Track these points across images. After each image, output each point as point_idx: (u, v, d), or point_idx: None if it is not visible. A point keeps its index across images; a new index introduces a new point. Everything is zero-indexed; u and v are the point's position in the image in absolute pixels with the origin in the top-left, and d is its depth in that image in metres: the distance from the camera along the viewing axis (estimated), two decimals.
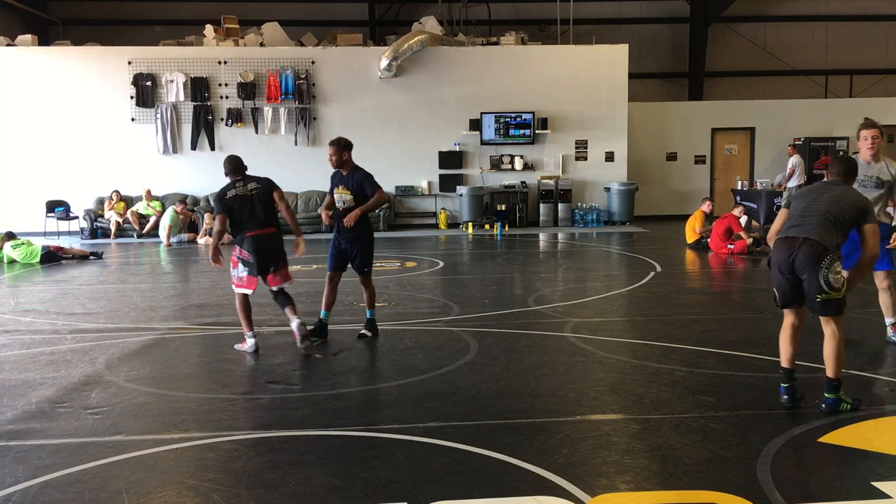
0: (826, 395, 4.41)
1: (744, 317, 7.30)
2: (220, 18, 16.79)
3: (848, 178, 4.64)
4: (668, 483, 3.50)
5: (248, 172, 6.21)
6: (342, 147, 6.22)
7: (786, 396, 4.48)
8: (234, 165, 6.12)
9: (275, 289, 6.07)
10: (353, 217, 6.04)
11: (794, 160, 15.48)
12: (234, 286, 6.03)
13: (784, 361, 4.53)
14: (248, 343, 6.01)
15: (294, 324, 5.89)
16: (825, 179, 4.75)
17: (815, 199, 4.49)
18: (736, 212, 12.20)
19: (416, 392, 4.98)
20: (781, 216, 4.70)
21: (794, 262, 4.34)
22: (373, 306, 6.49)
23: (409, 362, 5.66)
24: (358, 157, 6.85)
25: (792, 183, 15.46)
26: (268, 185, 6.16)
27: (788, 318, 4.54)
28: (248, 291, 5.98)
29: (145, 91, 15.75)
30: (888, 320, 5.97)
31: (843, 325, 4.41)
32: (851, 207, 4.39)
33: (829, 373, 4.39)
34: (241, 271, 5.95)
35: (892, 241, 5.70)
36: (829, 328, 4.39)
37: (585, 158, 16.69)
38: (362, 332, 6.45)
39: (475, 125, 16.27)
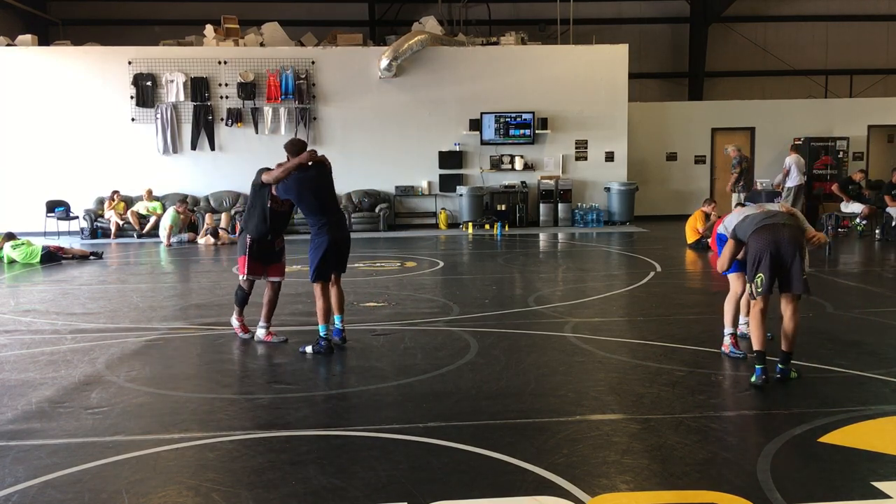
0: (780, 365, 4.95)
1: None
2: (220, 18, 16.78)
3: None
4: (668, 483, 3.50)
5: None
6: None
7: (763, 377, 4.84)
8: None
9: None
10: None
11: (790, 160, 15.48)
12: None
13: (758, 345, 4.92)
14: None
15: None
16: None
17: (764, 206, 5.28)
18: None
19: (416, 392, 4.98)
20: (731, 248, 5.29)
21: (780, 246, 4.83)
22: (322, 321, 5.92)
23: (409, 362, 5.66)
24: (358, 158, 6.90)
25: (790, 183, 15.46)
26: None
27: (759, 305, 4.94)
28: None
29: (145, 91, 15.74)
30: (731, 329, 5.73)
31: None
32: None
33: (786, 347, 4.94)
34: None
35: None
36: (794, 306, 4.93)
37: (585, 158, 16.69)
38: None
39: (475, 125, 16.27)
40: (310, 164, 5.83)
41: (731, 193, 15.32)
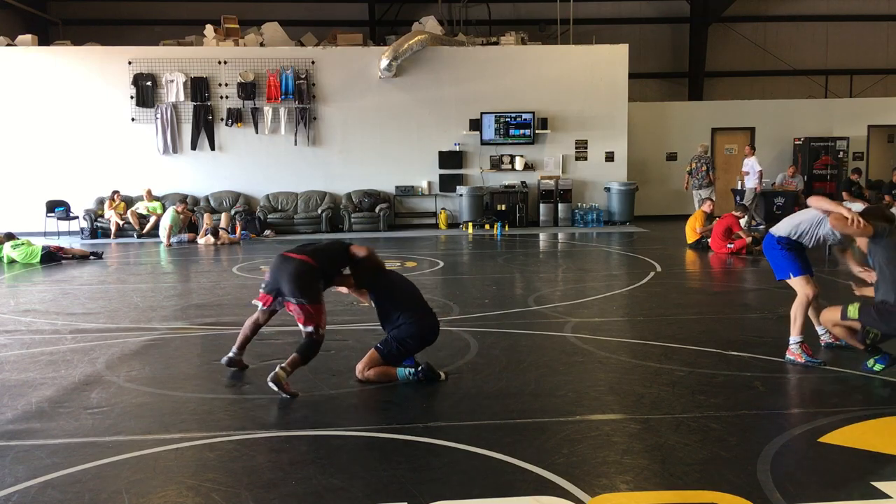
0: None
1: (744, 317, 7.30)
2: (220, 18, 16.78)
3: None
4: (668, 483, 3.50)
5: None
6: None
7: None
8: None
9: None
10: None
11: (756, 162, 15.48)
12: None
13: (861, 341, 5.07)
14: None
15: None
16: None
17: None
18: (736, 212, 12.21)
19: (416, 392, 4.98)
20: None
21: None
22: None
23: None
24: (358, 158, 6.85)
25: (751, 184, 15.46)
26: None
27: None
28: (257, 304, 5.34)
29: (145, 91, 15.74)
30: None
31: None
32: None
33: None
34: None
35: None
36: None
37: (585, 158, 16.69)
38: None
39: (475, 125, 16.26)
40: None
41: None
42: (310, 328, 4.92)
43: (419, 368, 5.11)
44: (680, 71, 20.64)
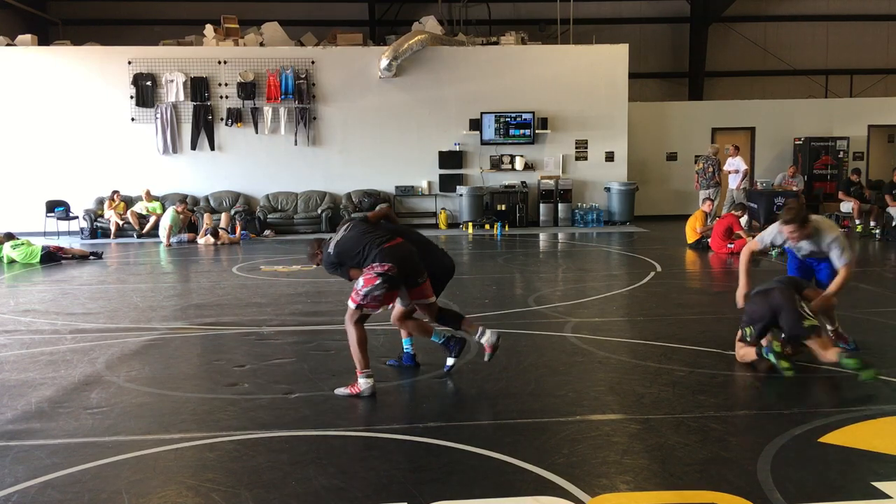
0: None
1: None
2: (220, 18, 16.78)
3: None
4: (668, 483, 3.51)
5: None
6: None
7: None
8: None
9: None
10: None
11: (741, 161, 15.47)
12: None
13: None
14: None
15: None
16: None
17: None
18: (736, 212, 12.20)
19: (416, 392, 4.98)
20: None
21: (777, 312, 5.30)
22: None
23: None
24: (358, 157, 6.81)
25: (734, 184, 15.47)
26: None
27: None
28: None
29: (145, 91, 15.74)
30: None
31: None
32: None
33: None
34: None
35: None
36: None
37: (585, 158, 16.68)
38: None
39: (475, 125, 16.26)
40: None
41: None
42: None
43: (451, 337, 5.29)
44: (680, 71, 20.64)
